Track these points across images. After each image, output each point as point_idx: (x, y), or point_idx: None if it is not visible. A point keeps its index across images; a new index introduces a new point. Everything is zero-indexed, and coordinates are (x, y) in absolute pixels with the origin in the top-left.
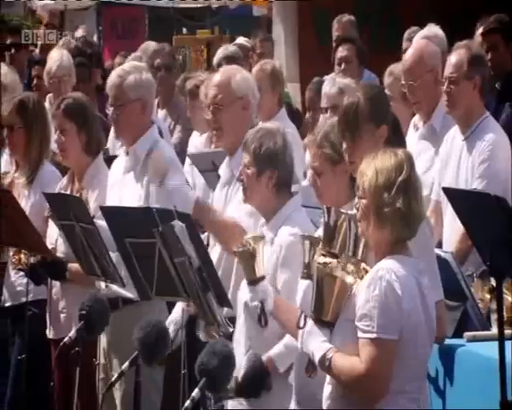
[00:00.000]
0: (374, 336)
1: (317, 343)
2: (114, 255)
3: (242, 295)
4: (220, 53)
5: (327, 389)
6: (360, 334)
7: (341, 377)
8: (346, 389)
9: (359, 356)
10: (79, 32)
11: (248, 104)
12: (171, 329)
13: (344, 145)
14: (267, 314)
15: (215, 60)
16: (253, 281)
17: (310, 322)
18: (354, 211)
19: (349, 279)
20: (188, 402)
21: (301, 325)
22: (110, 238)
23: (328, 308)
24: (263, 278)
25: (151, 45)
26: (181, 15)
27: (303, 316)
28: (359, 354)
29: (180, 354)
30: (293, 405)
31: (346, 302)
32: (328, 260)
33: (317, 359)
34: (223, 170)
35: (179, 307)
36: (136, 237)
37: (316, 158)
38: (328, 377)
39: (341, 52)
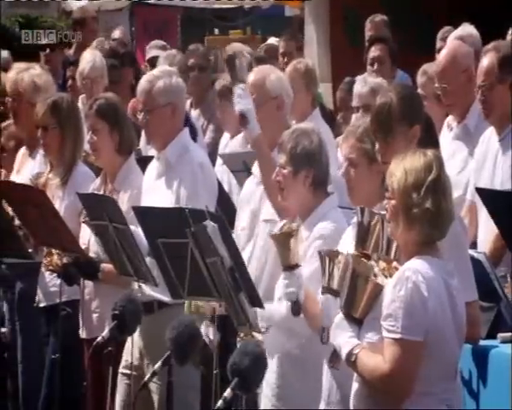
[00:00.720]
0: (398, 336)
1: (344, 338)
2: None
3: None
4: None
5: (354, 386)
6: (385, 333)
7: (365, 374)
8: (371, 387)
9: (383, 356)
10: (116, 34)
11: (282, 104)
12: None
13: (377, 145)
14: (300, 303)
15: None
16: (289, 267)
17: (339, 315)
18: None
19: (383, 280)
20: (220, 402)
21: (324, 340)
22: (143, 242)
23: (358, 305)
24: (298, 265)
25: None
26: (213, 16)
27: (326, 332)
28: (384, 353)
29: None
30: (322, 405)
31: (377, 302)
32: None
33: (343, 353)
34: (257, 170)
35: None
36: (168, 237)
37: (353, 150)
38: (355, 375)
39: (374, 52)
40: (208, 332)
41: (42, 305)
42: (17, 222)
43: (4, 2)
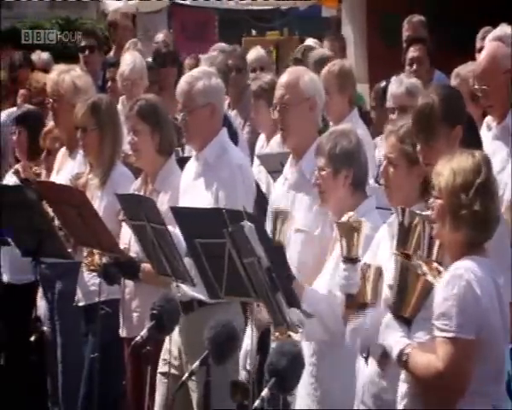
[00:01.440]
0: (452, 335)
1: (395, 337)
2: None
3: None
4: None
5: (402, 387)
6: (438, 333)
7: (418, 373)
8: (423, 387)
9: (436, 354)
10: (160, 37)
11: (315, 105)
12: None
13: (418, 147)
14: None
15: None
16: (350, 259)
17: (388, 315)
18: (428, 212)
19: (432, 279)
20: (257, 402)
21: (382, 364)
22: (181, 242)
23: (408, 305)
24: (359, 260)
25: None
26: (250, 17)
27: (384, 357)
28: (436, 352)
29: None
30: (356, 404)
31: (426, 300)
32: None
33: (395, 353)
34: (289, 171)
35: None
36: (206, 237)
37: (394, 149)
38: (403, 375)
39: (412, 52)
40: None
41: (81, 304)
42: (57, 222)
43: (45, 4)
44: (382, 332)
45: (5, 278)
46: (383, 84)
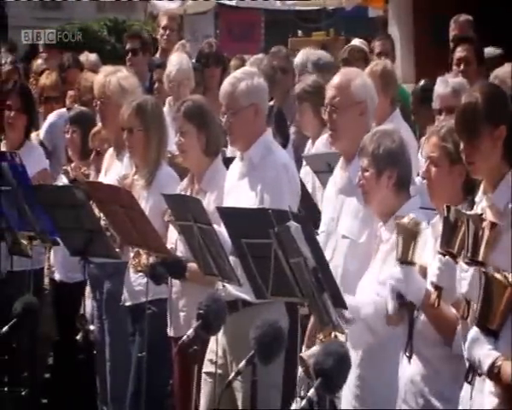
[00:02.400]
0: None
1: (484, 350)
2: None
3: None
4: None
5: (491, 400)
6: None
7: None
8: None
9: None
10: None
11: (366, 110)
12: None
13: (461, 145)
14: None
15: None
16: (406, 261)
17: (474, 329)
18: (474, 211)
19: None
20: (304, 402)
21: (469, 379)
22: (227, 241)
23: (494, 316)
24: (414, 263)
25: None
26: (296, 18)
27: (471, 372)
28: None
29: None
30: (399, 404)
31: None
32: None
33: (485, 366)
34: (339, 174)
35: None
36: (252, 237)
37: (435, 149)
38: (490, 387)
39: (460, 52)
40: None
41: (127, 304)
42: (105, 223)
43: (93, 6)
44: (469, 347)
45: (57, 277)
46: (421, 83)
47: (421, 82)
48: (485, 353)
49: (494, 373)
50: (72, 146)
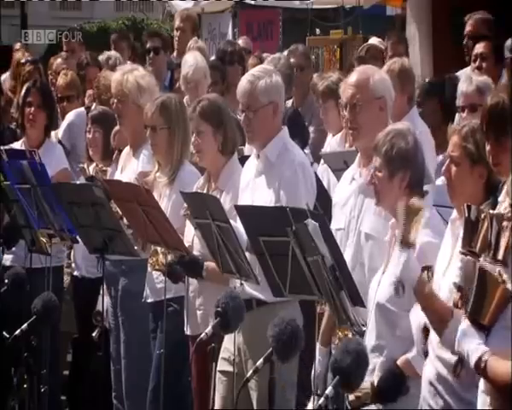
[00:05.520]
0: None
1: (473, 345)
2: (248, 254)
3: (372, 293)
4: None
5: (482, 399)
6: None
7: (497, 380)
8: (503, 394)
9: None
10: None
11: (385, 105)
12: None
13: (487, 147)
14: (405, 286)
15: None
16: (407, 243)
17: (466, 322)
18: (497, 210)
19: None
20: (322, 400)
21: (457, 372)
22: (243, 237)
23: (487, 312)
24: (414, 245)
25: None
26: (314, 16)
27: (459, 365)
28: None
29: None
30: (421, 404)
31: (505, 309)
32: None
33: (473, 360)
34: (358, 172)
35: None
36: (269, 235)
37: (456, 148)
38: (482, 386)
39: (477, 49)
40: None
41: (149, 301)
42: (124, 221)
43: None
44: (459, 340)
45: (78, 273)
46: (427, 79)
47: (427, 78)
48: (473, 347)
49: (481, 368)
50: (94, 146)
